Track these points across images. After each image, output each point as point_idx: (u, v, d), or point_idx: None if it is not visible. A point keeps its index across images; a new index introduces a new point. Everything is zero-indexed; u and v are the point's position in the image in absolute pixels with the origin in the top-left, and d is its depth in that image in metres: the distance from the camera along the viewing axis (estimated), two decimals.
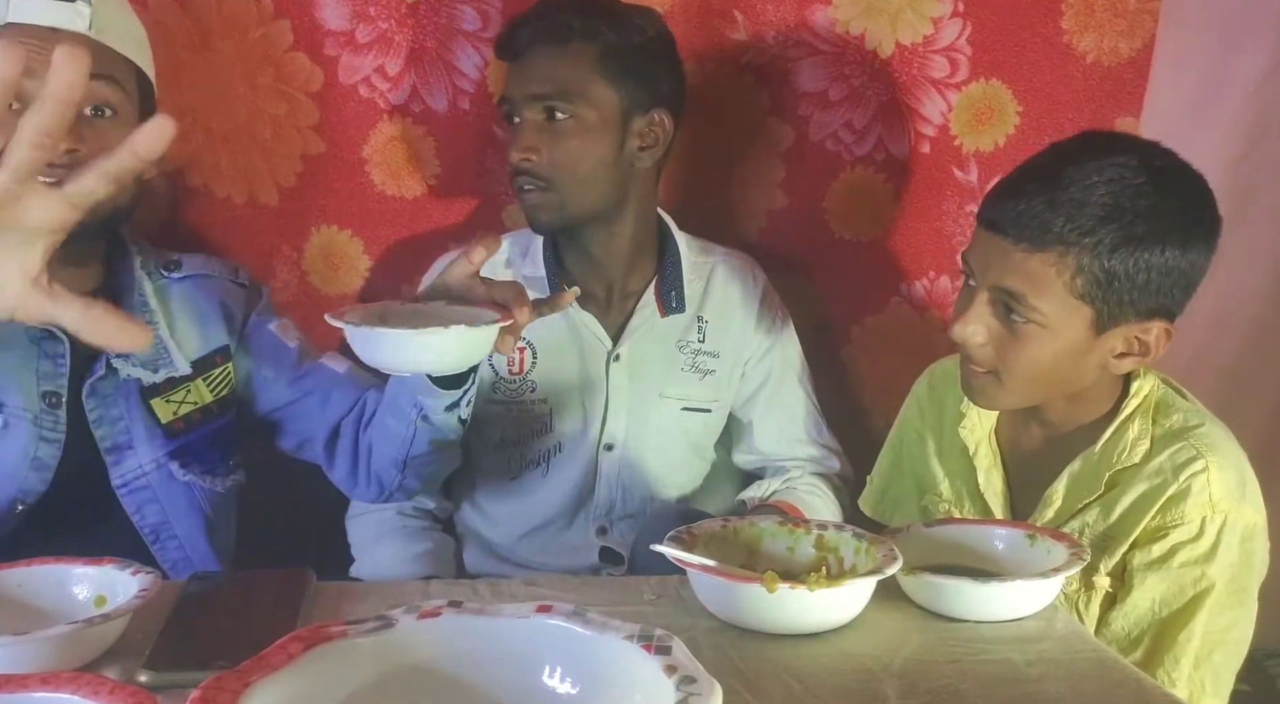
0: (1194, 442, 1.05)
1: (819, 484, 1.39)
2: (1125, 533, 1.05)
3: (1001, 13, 1.46)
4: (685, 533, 0.89)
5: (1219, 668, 1.04)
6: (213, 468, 1.19)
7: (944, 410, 1.25)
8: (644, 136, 1.29)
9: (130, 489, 1.12)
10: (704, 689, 0.47)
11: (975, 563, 0.91)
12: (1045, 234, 0.99)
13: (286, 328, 1.24)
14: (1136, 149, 1.02)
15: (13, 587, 0.78)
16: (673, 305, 1.37)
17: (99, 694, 0.53)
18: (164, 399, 1.13)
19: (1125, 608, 1.05)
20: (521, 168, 1.26)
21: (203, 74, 1.38)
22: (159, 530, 1.13)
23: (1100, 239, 0.98)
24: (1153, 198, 0.99)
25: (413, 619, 0.54)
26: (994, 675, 0.75)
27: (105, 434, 1.10)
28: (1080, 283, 1.00)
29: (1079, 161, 1.00)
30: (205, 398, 1.17)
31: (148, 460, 1.12)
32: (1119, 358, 1.06)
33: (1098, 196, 0.98)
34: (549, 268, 1.35)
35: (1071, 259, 0.99)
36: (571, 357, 1.37)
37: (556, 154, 1.25)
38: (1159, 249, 0.99)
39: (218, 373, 1.18)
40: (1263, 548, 1.06)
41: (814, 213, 1.55)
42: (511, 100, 1.27)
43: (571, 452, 1.38)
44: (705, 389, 1.40)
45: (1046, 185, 1.00)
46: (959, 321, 1.06)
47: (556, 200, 1.27)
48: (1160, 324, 1.03)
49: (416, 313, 0.95)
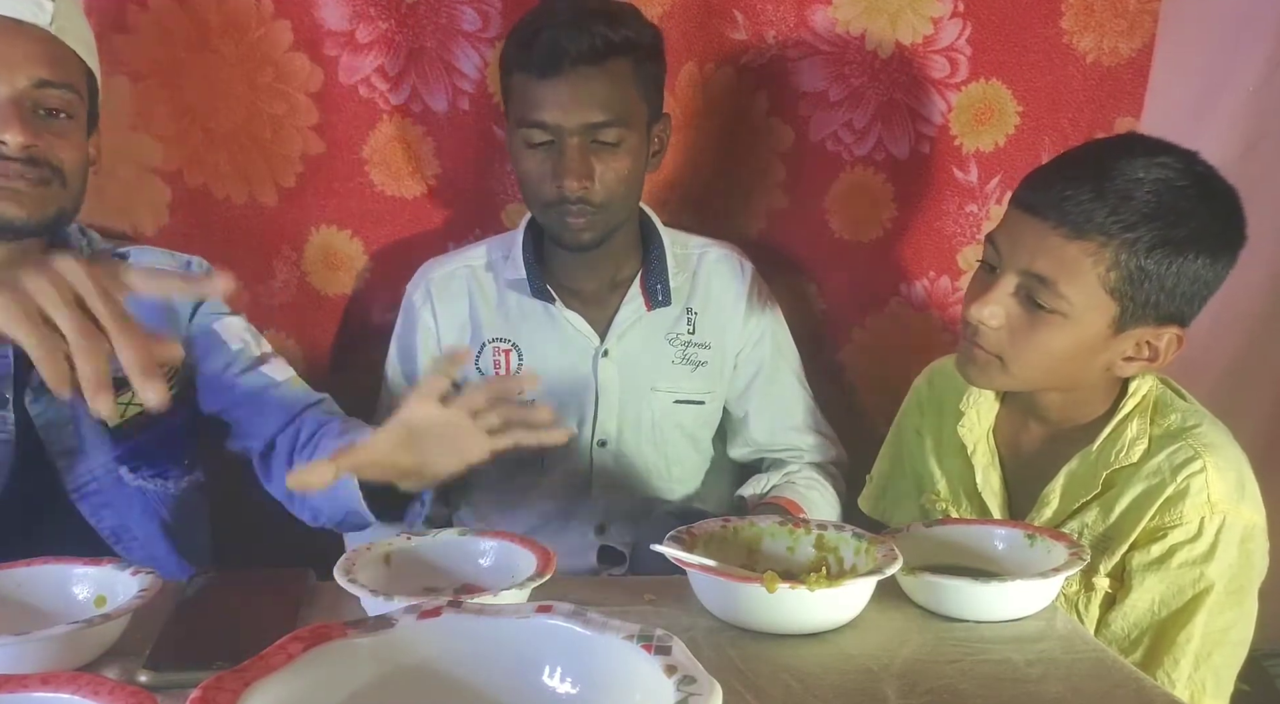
0: (1192, 442, 1.05)
1: (817, 477, 1.38)
2: (1124, 533, 1.05)
3: (1001, 13, 1.46)
4: (685, 533, 0.89)
5: (1219, 668, 1.04)
6: (164, 470, 1.16)
7: (943, 409, 1.25)
8: (659, 141, 1.31)
9: (83, 494, 1.09)
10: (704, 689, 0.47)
11: (975, 563, 0.91)
12: (1087, 222, 0.98)
13: (231, 326, 1.19)
14: (1179, 154, 1.02)
15: (13, 587, 0.78)
16: (659, 298, 1.36)
17: (99, 694, 0.53)
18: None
19: (1124, 609, 1.05)
20: (574, 197, 1.23)
21: (203, 74, 1.38)
22: (118, 533, 1.11)
23: (1140, 236, 0.98)
24: (1195, 203, 0.99)
25: (413, 619, 0.54)
26: (994, 675, 0.75)
27: (54, 439, 1.07)
28: (1114, 277, 0.99)
29: (1128, 156, 1.00)
30: None
31: (98, 465, 1.10)
32: (1127, 361, 1.06)
33: (1143, 193, 0.98)
34: (530, 270, 1.35)
35: (1110, 252, 0.99)
36: (558, 355, 1.37)
37: (609, 178, 1.24)
38: (1193, 255, 0.99)
39: (165, 371, 1.14)
40: (1262, 548, 1.05)
41: (814, 213, 1.55)
42: (552, 126, 1.21)
43: (564, 450, 1.38)
44: (697, 381, 1.40)
45: (1093, 175, 0.99)
46: (978, 302, 1.05)
47: (603, 221, 1.27)
48: (1173, 331, 1.03)
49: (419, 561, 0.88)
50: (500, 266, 1.38)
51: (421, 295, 1.39)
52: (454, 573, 0.86)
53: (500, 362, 1.37)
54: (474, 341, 1.38)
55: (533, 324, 1.37)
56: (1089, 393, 1.10)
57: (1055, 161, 1.07)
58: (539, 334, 1.37)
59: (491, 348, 1.37)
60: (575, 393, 1.37)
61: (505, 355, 1.37)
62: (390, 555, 0.85)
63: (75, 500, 1.09)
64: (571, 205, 1.24)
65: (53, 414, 1.07)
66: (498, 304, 1.38)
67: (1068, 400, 1.12)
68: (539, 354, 1.37)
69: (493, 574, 0.85)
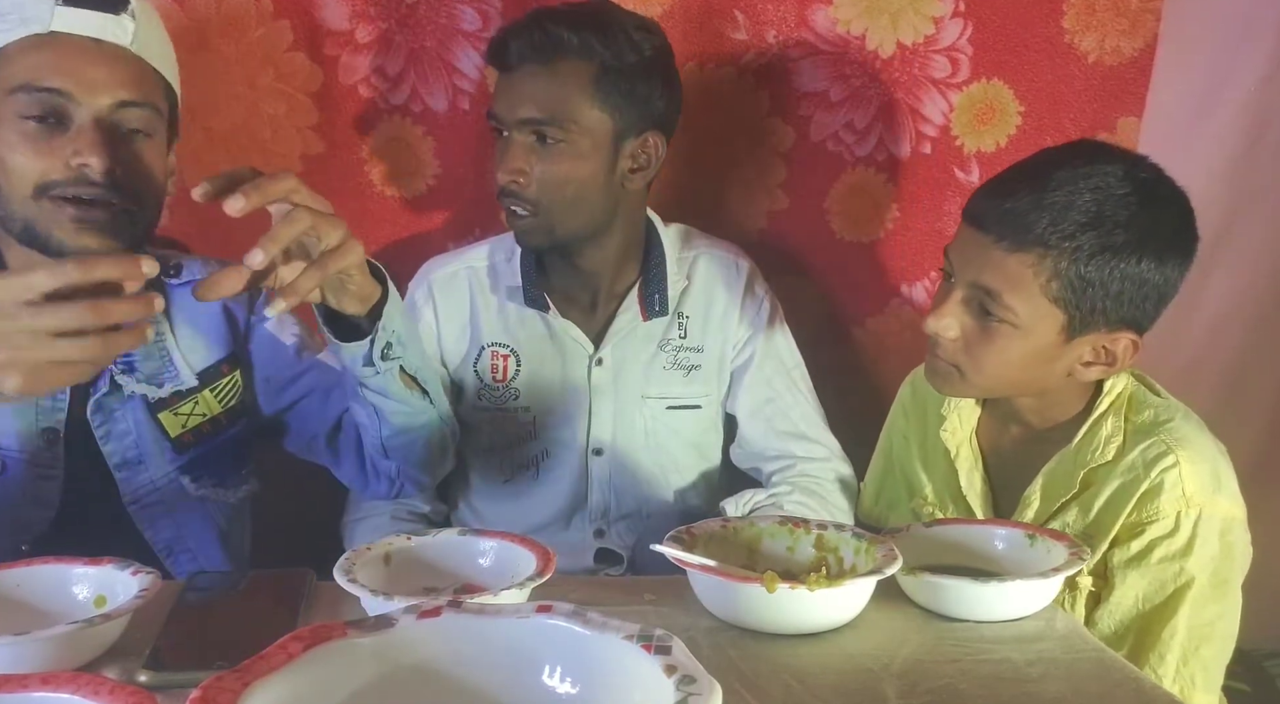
0: (1164, 437, 1.05)
1: (807, 502, 1.32)
2: (1104, 531, 1.06)
3: (1003, 12, 1.46)
4: (685, 533, 0.89)
5: (1208, 662, 1.04)
6: (225, 479, 1.16)
7: (926, 414, 1.25)
8: (635, 158, 1.27)
9: (142, 505, 1.09)
10: (704, 689, 0.47)
11: (975, 563, 0.91)
12: (1027, 234, 1.00)
13: (282, 323, 1.19)
14: (1125, 160, 1.03)
15: (12, 587, 0.78)
16: (656, 308, 1.35)
17: (99, 694, 0.53)
18: (172, 412, 1.10)
19: (1110, 606, 1.05)
20: (509, 190, 1.24)
21: (202, 74, 1.38)
22: (172, 545, 1.11)
23: (1079, 244, 0.99)
24: (1135, 209, 1.00)
25: (413, 619, 0.54)
26: (994, 675, 0.75)
27: (114, 450, 1.07)
28: (1055, 286, 1.01)
29: (1068, 166, 1.01)
30: (214, 409, 1.13)
31: (159, 475, 1.10)
32: (1086, 366, 1.07)
33: (1082, 202, 0.99)
34: (527, 278, 1.34)
35: (1049, 262, 1.00)
36: (554, 363, 1.36)
37: (545, 177, 1.23)
38: (1135, 260, 1.00)
39: (225, 383, 1.14)
40: (1243, 539, 1.06)
41: (815, 213, 1.55)
42: (500, 118, 1.25)
43: (559, 457, 1.37)
44: (691, 385, 1.39)
45: (1033, 186, 1.01)
46: (933, 315, 1.08)
47: (545, 223, 1.26)
48: (1128, 335, 1.04)
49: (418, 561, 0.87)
50: (501, 269, 1.38)
51: (423, 294, 1.39)
52: (454, 573, 0.86)
53: (498, 366, 1.36)
54: (473, 344, 1.38)
55: (530, 330, 1.37)
56: (1063, 394, 1.11)
57: (1002, 174, 1.08)
58: (536, 341, 1.36)
59: (490, 352, 1.37)
60: (571, 401, 1.36)
61: (504, 360, 1.36)
62: (390, 555, 0.85)
63: (133, 513, 1.08)
64: (507, 199, 1.25)
65: (114, 426, 1.07)
66: (498, 308, 1.38)
67: (1043, 403, 1.12)
68: (536, 360, 1.36)
69: (493, 574, 0.85)
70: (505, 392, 1.37)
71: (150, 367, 1.09)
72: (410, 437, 1.13)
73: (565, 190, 1.24)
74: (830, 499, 1.35)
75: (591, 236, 1.30)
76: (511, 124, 1.23)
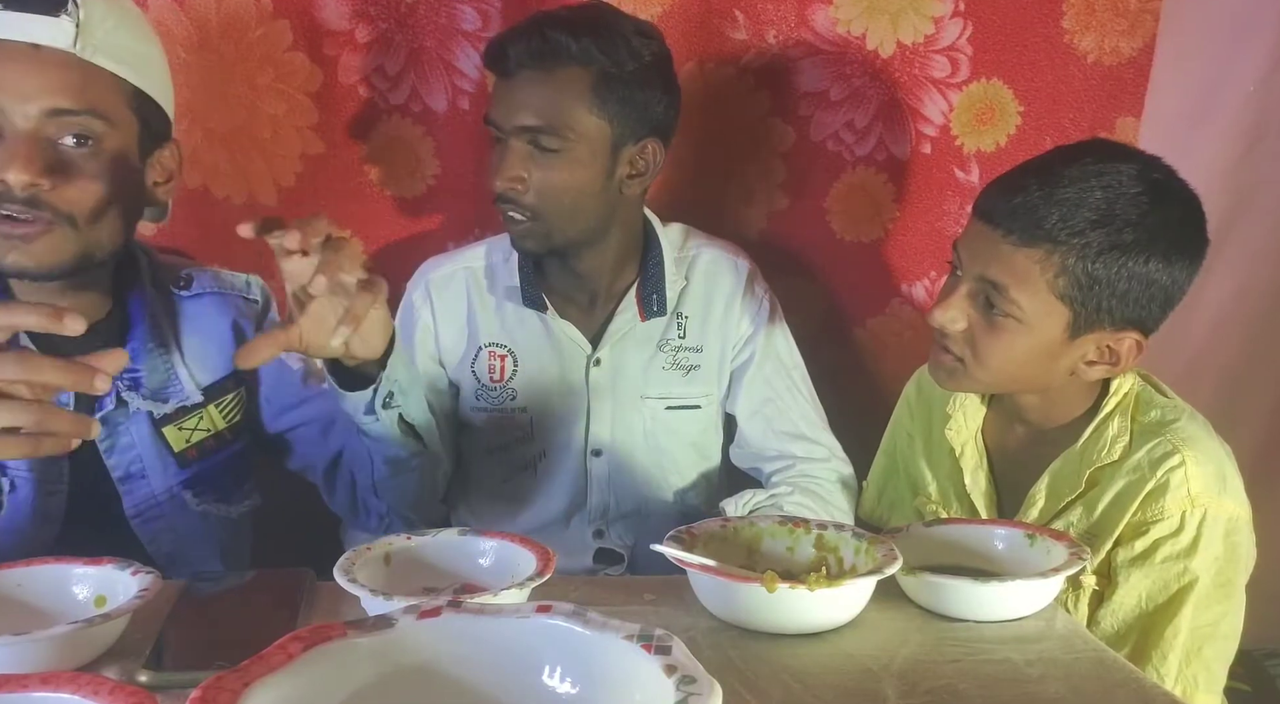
0: (1170, 436, 1.05)
1: (808, 503, 1.32)
2: (1108, 530, 1.06)
3: (1002, 12, 1.47)
4: (685, 532, 0.89)
5: (1210, 662, 1.04)
6: (227, 495, 1.15)
7: (931, 412, 1.25)
8: (633, 165, 1.27)
9: (144, 518, 1.08)
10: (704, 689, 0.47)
11: (975, 563, 0.91)
12: (1036, 230, 1.00)
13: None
14: (1138, 160, 1.03)
15: (13, 587, 0.78)
16: (654, 309, 1.35)
17: (99, 694, 0.53)
18: (176, 426, 1.09)
19: (1113, 606, 1.05)
20: (506, 196, 1.24)
21: (202, 74, 1.38)
22: (173, 558, 1.10)
23: (1088, 242, 0.99)
24: (1145, 209, 1.00)
25: (413, 619, 0.54)
26: (994, 675, 0.75)
27: (117, 463, 1.06)
28: (1062, 283, 1.01)
29: (1080, 163, 1.02)
30: (218, 424, 1.13)
31: (160, 489, 1.09)
32: (1089, 365, 1.07)
33: (1093, 199, 0.99)
34: (524, 278, 1.34)
35: (1057, 258, 1.00)
36: (552, 363, 1.36)
37: (542, 184, 1.23)
38: (1143, 259, 1.00)
39: (230, 399, 1.14)
40: (1248, 540, 1.06)
41: (815, 213, 1.55)
42: (497, 124, 1.24)
43: (557, 458, 1.37)
44: (690, 385, 1.39)
45: (1044, 182, 1.01)
46: (939, 306, 1.08)
47: (542, 229, 1.26)
48: (1133, 336, 1.04)
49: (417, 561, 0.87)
50: (499, 270, 1.38)
51: (421, 295, 1.39)
52: (454, 573, 0.86)
53: (495, 366, 1.36)
54: (470, 345, 1.37)
55: (528, 331, 1.37)
56: (1068, 393, 1.11)
57: (1013, 170, 1.08)
58: (534, 341, 1.36)
59: (487, 352, 1.37)
60: (569, 402, 1.36)
61: (501, 360, 1.36)
62: (390, 555, 0.85)
63: (135, 525, 1.08)
64: (504, 205, 1.25)
65: (118, 439, 1.06)
66: (495, 308, 1.37)
67: (1048, 401, 1.12)
68: (534, 361, 1.36)
69: (493, 574, 0.85)
70: (503, 392, 1.37)
71: (155, 381, 1.08)
72: (402, 479, 1.14)
73: (563, 197, 1.24)
74: (830, 499, 1.35)
75: (589, 241, 1.30)
76: (509, 130, 1.23)
